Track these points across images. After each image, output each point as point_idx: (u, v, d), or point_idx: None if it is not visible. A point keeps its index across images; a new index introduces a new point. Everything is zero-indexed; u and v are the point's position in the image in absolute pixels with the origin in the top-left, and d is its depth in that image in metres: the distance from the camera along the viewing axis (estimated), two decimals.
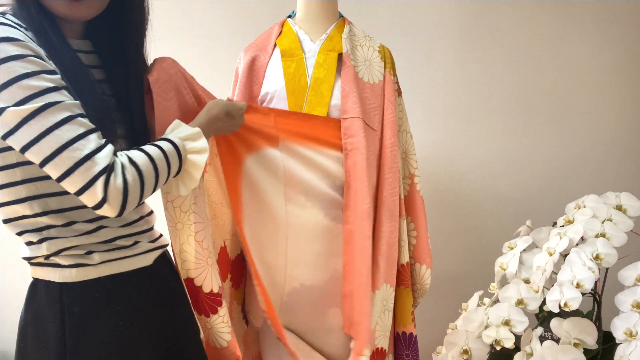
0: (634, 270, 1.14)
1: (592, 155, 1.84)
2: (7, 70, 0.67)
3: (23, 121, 0.67)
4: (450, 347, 1.30)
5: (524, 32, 1.83)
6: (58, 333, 0.77)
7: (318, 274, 1.22)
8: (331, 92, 1.22)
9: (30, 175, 0.75)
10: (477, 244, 1.89)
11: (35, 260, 0.80)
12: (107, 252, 0.81)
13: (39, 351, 0.78)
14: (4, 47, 0.67)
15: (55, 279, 0.78)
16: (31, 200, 0.76)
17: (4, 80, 0.67)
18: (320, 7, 1.27)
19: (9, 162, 0.74)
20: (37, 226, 0.78)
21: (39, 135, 0.67)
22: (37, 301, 0.80)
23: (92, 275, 0.79)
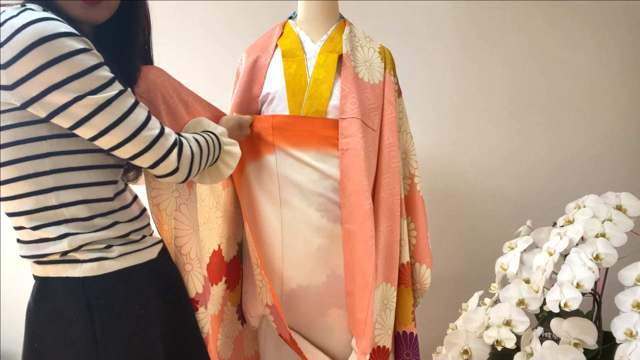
0: (634, 270, 1.14)
1: (592, 155, 1.84)
2: (79, 62, 0.72)
3: (100, 108, 0.74)
4: (450, 347, 1.30)
5: (524, 32, 1.83)
6: (86, 326, 0.78)
7: (315, 275, 1.22)
8: (330, 92, 1.22)
9: (59, 166, 0.77)
10: (477, 244, 1.89)
11: (49, 259, 0.80)
12: (123, 245, 0.84)
13: (63, 348, 0.79)
14: (70, 42, 0.71)
15: (75, 275, 0.79)
16: (58, 191, 0.78)
17: (77, 71, 0.72)
18: (321, 8, 1.27)
19: (40, 151, 0.76)
20: (59, 219, 0.79)
21: (118, 120, 0.75)
22: (53, 299, 0.80)
23: (113, 268, 0.81)
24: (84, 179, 0.80)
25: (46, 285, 0.81)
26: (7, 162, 0.76)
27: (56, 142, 0.76)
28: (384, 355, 1.26)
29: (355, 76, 1.23)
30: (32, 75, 0.71)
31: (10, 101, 0.73)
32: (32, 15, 0.72)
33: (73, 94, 0.72)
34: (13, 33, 0.70)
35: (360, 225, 1.17)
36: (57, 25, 0.72)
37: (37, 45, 0.70)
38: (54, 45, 0.70)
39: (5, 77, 0.71)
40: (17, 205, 0.79)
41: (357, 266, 1.17)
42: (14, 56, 0.70)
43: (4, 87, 0.72)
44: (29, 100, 0.72)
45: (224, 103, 1.26)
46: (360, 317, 1.17)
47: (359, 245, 1.17)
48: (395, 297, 1.28)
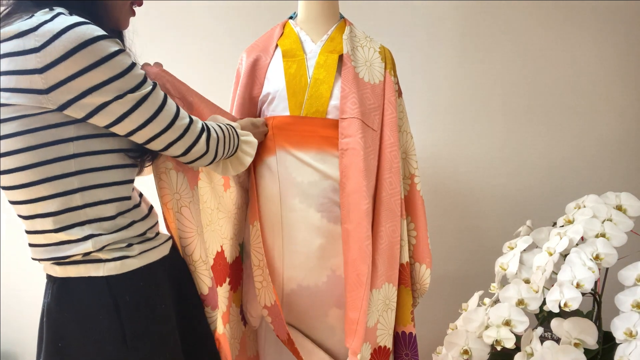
0: (634, 270, 1.14)
1: (592, 155, 1.84)
2: (118, 63, 0.76)
3: (138, 104, 0.79)
4: (450, 347, 1.30)
5: (524, 32, 1.83)
6: (113, 325, 0.80)
7: (315, 274, 1.22)
8: (330, 92, 1.22)
9: (83, 167, 0.79)
10: (477, 244, 1.89)
11: (70, 259, 0.81)
12: (141, 243, 0.87)
13: (90, 347, 0.80)
14: (107, 44, 0.75)
15: (98, 274, 0.81)
16: (83, 191, 0.80)
17: (118, 72, 0.76)
18: (321, 8, 1.27)
19: (66, 153, 0.78)
20: (82, 219, 0.80)
21: (154, 113, 0.82)
22: (77, 299, 0.81)
23: (134, 266, 0.84)
24: (107, 179, 0.82)
25: (68, 285, 0.82)
26: (32, 164, 0.77)
27: (82, 143, 0.79)
28: (385, 355, 1.26)
29: (356, 76, 1.23)
30: (73, 78, 0.73)
31: (45, 105, 0.74)
32: (68, 20, 0.73)
33: (114, 93, 0.76)
34: (52, 38, 0.72)
35: (357, 225, 1.17)
36: (94, 29, 0.75)
37: (79, 49, 0.72)
38: (95, 48, 0.74)
39: (41, 81, 0.73)
40: (41, 207, 0.79)
41: (352, 266, 1.18)
42: (54, 60, 0.72)
43: (37, 91, 0.73)
44: (67, 102, 0.74)
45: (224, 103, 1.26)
46: (352, 316, 1.17)
47: (353, 245, 1.17)
48: (396, 297, 1.28)
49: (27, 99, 0.74)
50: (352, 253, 1.18)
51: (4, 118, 0.75)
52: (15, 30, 0.73)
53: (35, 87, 0.73)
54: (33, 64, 0.72)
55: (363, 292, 1.16)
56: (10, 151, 0.76)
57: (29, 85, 0.73)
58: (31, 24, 0.73)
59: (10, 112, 0.75)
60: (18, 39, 0.73)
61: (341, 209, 1.21)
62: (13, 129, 0.75)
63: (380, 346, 1.25)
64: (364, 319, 1.16)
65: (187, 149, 0.89)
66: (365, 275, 1.16)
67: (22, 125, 0.75)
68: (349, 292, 1.18)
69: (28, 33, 0.73)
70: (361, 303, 1.16)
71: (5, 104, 0.74)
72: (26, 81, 0.73)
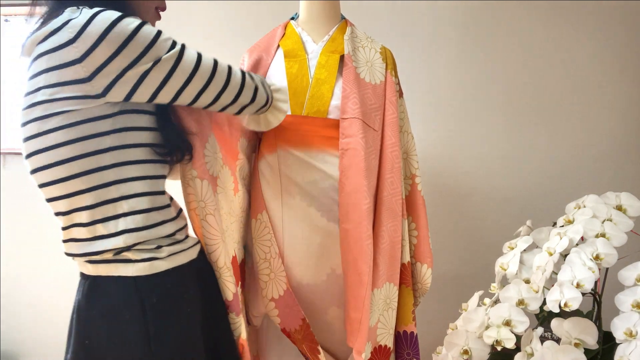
0: (634, 270, 1.14)
1: (591, 155, 1.84)
2: (146, 34, 0.79)
3: (176, 63, 0.82)
4: (450, 347, 1.31)
5: (524, 32, 1.84)
6: (139, 325, 0.81)
7: (315, 273, 1.22)
8: (332, 92, 1.22)
9: (119, 160, 0.82)
10: (477, 244, 1.89)
11: (102, 257, 0.83)
12: (170, 245, 0.87)
13: (116, 345, 0.81)
14: (130, 20, 0.78)
15: (128, 274, 0.82)
16: (118, 184, 0.82)
17: (149, 41, 0.79)
18: (323, 9, 1.27)
19: (103, 146, 0.80)
20: (117, 212, 0.82)
21: (194, 68, 0.84)
22: (105, 297, 0.83)
23: (163, 268, 0.85)
24: (141, 172, 0.85)
25: (97, 283, 0.84)
26: (70, 158, 0.80)
27: (117, 136, 0.81)
28: (386, 354, 1.26)
29: (357, 76, 1.23)
30: (111, 60, 0.76)
31: (89, 92, 0.77)
32: (91, 11, 0.78)
33: (151, 60, 0.79)
34: (82, 27, 0.76)
35: (357, 225, 1.17)
36: (114, 12, 0.78)
37: (109, 31, 0.76)
38: (122, 26, 0.77)
39: (82, 70, 0.77)
40: (78, 201, 0.82)
41: (352, 265, 1.18)
42: (90, 47, 0.76)
43: (81, 81, 0.77)
44: (110, 84, 0.78)
45: None
46: (354, 316, 1.17)
47: (354, 244, 1.17)
48: (397, 296, 1.28)
49: (72, 90, 0.77)
50: (353, 253, 1.18)
51: (48, 113, 0.78)
52: (48, 29, 0.78)
53: (79, 77, 0.77)
54: (72, 55, 0.76)
55: (365, 292, 1.16)
56: (50, 146, 0.79)
57: (72, 76, 0.77)
58: (62, 20, 0.78)
59: (54, 108, 0.78)
60: (53, 36, 0.78)
61: (340, 208, 1.20)
62: (55, 124, 0.78)
63: (381, 345, 1.25)
64: (367, 319, 1.16)
65: (235, 97, 0.92)
66: (367, 275, 1.16)
67: (64, 120, 0.78)
68: (349, 291, 1.18)
69: (61, 28, 0.77)
70: (363, 303, 1.16)
71: (49, 100, 0.78)
72: (69, 73, 0.77)
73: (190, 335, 0.87)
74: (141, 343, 0.81)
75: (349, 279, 1.18)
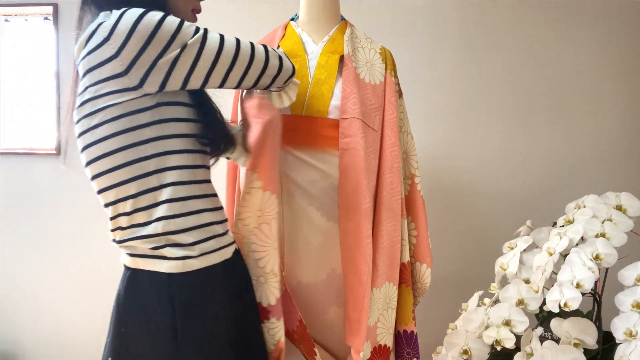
0: (634, 270, 1.14)
1: (592, 155, 1.84)
2: (170, 24, 0.83)
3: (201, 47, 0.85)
4: (450, 347, 1.31)
5: (524, 32, 1.84)
6: (168, 318, 0.86)
7: (315, 272, 1.22)
8: (332, 93, 1.22)
9: (159, 150, 0.87)
10: (477, 244, 1.89)
11: (140, 252, 0.89)
12: (205, 241, 0.91)
13: (145, 334, 0.87)
14: (153, 13, 0.83)
15: (162, 270, 0.87)
16: (158, 173, 0.87)
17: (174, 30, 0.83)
18: (323, 9, 1.27)
19: (143, 138, 0.86)
20: (157, 200, 0.88)
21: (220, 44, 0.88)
22: (141, 289, 0.88)
23: (195, 267, 0.89)
24: (180, 162, 0.89)
25: (135, 276, 0.89)
26: (114, 150, 0.86)
27: (156, 128, 0.86)
28: (385, 353, 1.26)
29: (357, 77, 1.23)
30: (143, 51, 0.82)
31: (128, 85, 0.83)
32: (119, 11, 0.84)
33: (179, 45, 0.84)
34: (114, 25, 0.82)
35: (356, 224, 1.17)
36: (139, 8, 0.84)
37: (136, 25, 0.81)
38: (147, 20, 0.82)
39: (119, 65, 0.82)
40: (123, 191, 0.88)
41: (351, 265, 1.18)
42: (122, 42, 0.81)
43: (119, 75, 0.83)
44: (145, 74, 0.83)
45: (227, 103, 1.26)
46: (354, 315, 1.17)
47: (353, 244, 1.17)
48: (396, 296, 1.28)
49: (112, 85, 0.83)
50: (352, 252, 1.18)
51: (95, 110, 0.85)
52: (86, 34, 0.86)
53: (116, 71, 0.83)
54: (108, 52, 0.82)
55: (364, 292, 1.16)
56: (97, 140, 0.86)
57: (111, 72, 0.83)
58: (96, 23, 0.85)
59: (99, 104, 0.84)
60: (90, 39, 0.85)
61: (339, 208, 1.21)
62: (100, 119, 0.85)
63: (380, 345, 1.25)
64: (366, 318, 1.17)
65: (261, 71, 0.95)
66: (366, 274, 1.16)
67: (107, 114, 0.84)
68: (349, 291, 1.18)
69: (96, 30, 0.84)
70: (362, 302, 1.16)
71: (94, 97, 0.84)
72: (108, 69, 0.83)
73: (215, 332, 0.90)
74: (169, 336, 0.85)
75: (349, 279, 1.18)
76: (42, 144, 2.10)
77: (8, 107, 2.12)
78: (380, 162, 1.25)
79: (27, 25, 2.09)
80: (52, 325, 2.14)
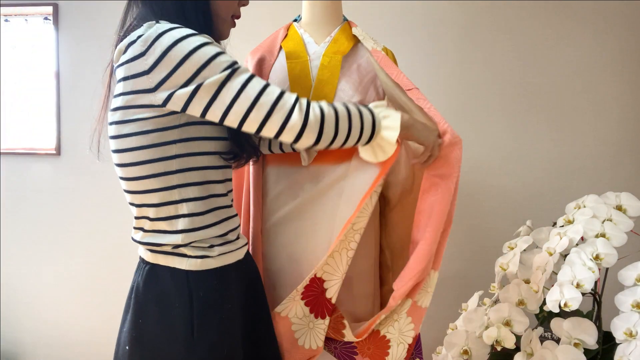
0: (634, 270, 1.14)
1: (592, 155, 1.84)
2: (203, 54, 0.83)
3: (220, 86, 0.84)
4: (450, 347, 1.31)
5: (524, 32, 1.84)
6: (186, 314, 0.89)
7: None
8: (334, 93, 1.23)
9: (183, 166, 0.90)
10: (477, 244, 1.89)
11: (161, 249, 0.92)
12: (221, 245, 0.95)
13: (163, 328, 0.90)
14: (194, 39, 0.84)
15: (182, 267, 0.91)
16: (180, 188, 0.90)
17: (203, 62, 0.83)
18: (325, 10, 1.28)
19: (170, 154, 0.88)
20: (178, 213, 0.91)
21: (241, 87, 0.85)
22: (160, 284, 0.92)
23: (212, 266, 0.93)
24: (203, 178, 0.92)
25: (155, 271, 0.93)
26: (143, 161, 0.88)
27: (183, 145, 0.89)
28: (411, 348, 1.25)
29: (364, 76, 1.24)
30: (171, 74, 0.83)
31: (154, 102, 0.85)
32: (164, 26, 0.85)
33: (199, 81, 0.84)
34: (152, 42, 0.84)
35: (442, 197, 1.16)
36: (184, 30, 0.85)
37: (171, 48, 0.83)
38: (183, 45, 0.83)
39: (148, 81, 0.84)
40: (147, 198, 0.91)
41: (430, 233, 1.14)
42: (155, 61, 0.83)
43: (148, 91, 0.85)
44: (168, 97, 0.84)
45: None
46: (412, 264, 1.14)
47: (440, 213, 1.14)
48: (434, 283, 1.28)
49: (142, 99, 0.85)
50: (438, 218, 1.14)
51: (126, 119, 0.87)
52: (127, 41, 0.87)
53: (147, 87, 0.84)
54: (142, 66, 0.84)
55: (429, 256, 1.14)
56: (126, 148, 0.88)
57: (142, 85, 0.85)
58: (138, 33, 0.86)
59: (129, 115, 0.87)
60: (130, 48, 0.86)
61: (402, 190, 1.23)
62: (130, 130, 0.87)
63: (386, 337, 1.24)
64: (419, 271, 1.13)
65: (280, 127, 0.86)
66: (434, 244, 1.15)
67: (137, 127, 0.87)
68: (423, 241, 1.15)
69: (136, 41, 0.85)
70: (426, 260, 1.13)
71: (126, 106, 0.86)
72: (140, 83, 0.85)
73: (228, 328, 0.94)
74: (186, 330, 0.89)
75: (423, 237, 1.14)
76: (42, 144, 2.10)
77: (8, 107, 2.12)
78: None
79: (27, 25, 2.09)
80: (52, 325, 2.14)
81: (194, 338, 0.89)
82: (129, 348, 0.91)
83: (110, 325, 1.94)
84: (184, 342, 0.89)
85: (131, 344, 0.91)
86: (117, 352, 0.95)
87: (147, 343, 0.91)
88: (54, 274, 2.12)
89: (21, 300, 2.15)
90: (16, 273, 2.15)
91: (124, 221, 2.02)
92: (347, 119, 0.92)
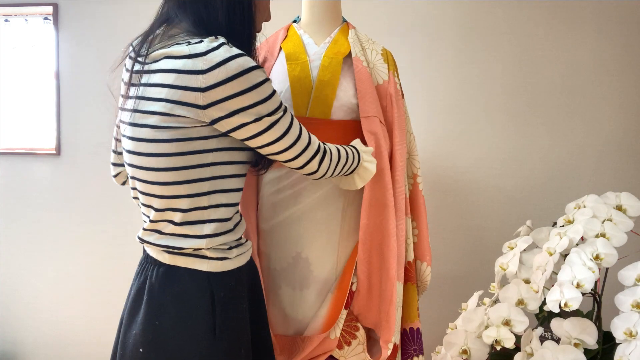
0: (634, 270, 1.14)
1: (592, 155, 1.84)
2: (264, 90, 0.89)
3: (271, 126, 0.91)
4: (449, 347, 1.31)
5: (524, 32, 1.84)
6: (207, 313, 0.92)
7: None
8: (335, 94, 1.23)
9: (215, 174, 0.93)
10: (477, 244, 1.89)
11: (183, 251, 0.94)
12: (237, 248, 0.99)
13: (183, 328, 0.91)
14: (259, 73, 0.88)
15: (202, 269, 0.93)
16: (210, 195, 0.93)
17: (262, 98, 0.88)
18: (325, 11, 1.28)
19: (205, 161, 0.91)
20: (205, 218, 0.93)
21: (283, 134, 0.93)
22: (180, 285, 0.93)
23: (230, 267, 0.96)
24: (229, 185, 0.96)
25: (173, 272, 0.94)
26: (177, 167, 0.90)
27: (218, 154, 0.92)
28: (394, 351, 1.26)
29: (369, 77, 1.24)
30: (227, 99, 0.86)
31: (201, 118, 0.87)
32: (231, 51, 0.87)
33: (255, 115, 0.88)
34: (217, 64, 0.85)
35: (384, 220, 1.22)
36: (250, 60, 0.88)
37: (237, 77, 0.85)
38: (249, 77, 0.86)
39: (202, 99, 0.86)
40: (175, 203, 0.92)
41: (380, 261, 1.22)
42: (215, 83, 0.85)
43: (197, 106, 0.86)
44: (218, 118, 0.87)
45: None
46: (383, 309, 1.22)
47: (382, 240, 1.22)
48: (402, 294, 1.29)
49: (187, 111, 0.86)
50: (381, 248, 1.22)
51: (165, 125, 0.88)
52: (186, 51, 0.86)
53: (197, 102, 0.86)
54: (199, 83, 0.85)
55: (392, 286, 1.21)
56: (161, 153, 0.89)
57: (192, 100, 0.86)
58: (201, 49, 0.86)
59: (171, 122, 0.87)
60: (188, 59, 0.86)
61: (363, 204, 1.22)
62: (169, 136, 0.88)
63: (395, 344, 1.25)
64: (394, 311, 1.20)
65: (302, 165, 1.00)
66: (394, 269, 1.20)
67: (179, 134, 0.88)
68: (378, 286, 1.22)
69: (198, 56, 0.85)
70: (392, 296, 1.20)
71: (167, 113, 0.87)
72: (190, 97, 0.86)
73: (244, 327, 0.98)
74: (207, 331, 0.91)
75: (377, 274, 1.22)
76: (42, 144, 2.10)
77: (8, 107, 2.12)
78: (391, 161, 1.27)
79: (27, 25, 2.09)
80: (52, 325, 2.14)
81: (215, 338, 0.91)
82: (142, 350, 0.91)
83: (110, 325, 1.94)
84: (206, 342, 0.91)
85: (145, 345, 0.91)
86: (123, 355, 0.94)
87: (164, 344, 0.91)
88: (54, 274, 2.12)
89: (21, 300, 2.15)
90: (16, 273, 2.15)
91: (124, 221, 2.02)
92: (344, 162, 1.09)
